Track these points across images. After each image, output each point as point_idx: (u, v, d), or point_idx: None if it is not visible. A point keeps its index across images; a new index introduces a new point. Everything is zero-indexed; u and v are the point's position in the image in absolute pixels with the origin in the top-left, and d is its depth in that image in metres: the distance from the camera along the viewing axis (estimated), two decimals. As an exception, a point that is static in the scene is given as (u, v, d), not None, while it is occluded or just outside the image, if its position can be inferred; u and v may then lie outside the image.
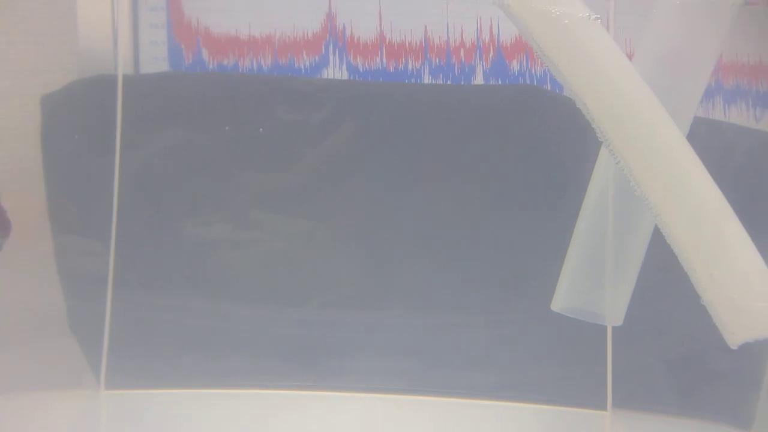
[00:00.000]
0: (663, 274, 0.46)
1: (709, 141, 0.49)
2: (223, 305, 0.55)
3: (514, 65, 0.56)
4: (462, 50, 0.56)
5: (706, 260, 0.32)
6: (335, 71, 0.56)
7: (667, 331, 0.53)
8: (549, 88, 0.55)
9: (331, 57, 0.56)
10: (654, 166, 0.33)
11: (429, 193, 0.55)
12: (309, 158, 0.55)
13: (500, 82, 0.56)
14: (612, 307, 0.45)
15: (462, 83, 0.56)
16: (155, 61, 0.57)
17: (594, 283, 0.45)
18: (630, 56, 0.38)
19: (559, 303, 0.45)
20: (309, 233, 0.55)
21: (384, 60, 0.56)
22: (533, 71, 0.56)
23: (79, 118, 0.55)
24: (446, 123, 0.54)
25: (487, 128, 0.54)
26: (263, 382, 0.55)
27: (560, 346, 0.53)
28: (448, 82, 0.56)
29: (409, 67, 0.56)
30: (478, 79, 0.56)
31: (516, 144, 0.54)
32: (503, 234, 0.54)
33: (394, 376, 0.55)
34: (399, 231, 0.55)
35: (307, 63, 0.56)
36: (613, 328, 0.50)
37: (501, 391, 0.54)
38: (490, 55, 0.56)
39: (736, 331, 0.33)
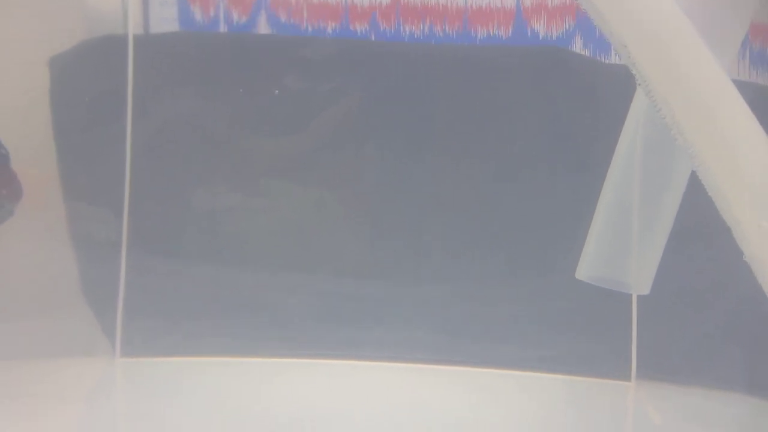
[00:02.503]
0: (692, 242, 0.44)
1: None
2: (236, 273, 0.55)
3: (535, 26, 0.55)
4: (481, 12, 0.54)
5: (755, 210, 0.30)
6: (347, 32, 0.55)
7: (695, 300, 0.52)
8: (571, 49, 0.54)
9: (343, 19, 0.55)
10: (699, 110, 0.31)
11: (445, 159, 0.54)
12: (320, 123, 0.54)
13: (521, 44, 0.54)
14: (638, 276, 0.44)
15: (480, 44, 0.54)
16: (165, 21, 0.56)
17: (620, 251, 0.44)
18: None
19: (584, 271, 0.44)
20: (320, 201, 0.54)
21: (401, 23, 0.55)
22: (553, 33, 0.54)
23: (88, 79, 0.55)
24: (463, 86, 0.53)
25: (506, 91, 0.53)
26: (278, 350, 0.55)
27: (585, 315, 0.52)
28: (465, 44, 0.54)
29: (427, 30, 0.55)
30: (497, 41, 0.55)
31: (537, 107, 0.53)
32: (525, 201, 0.53)
33: (412, 346, 0.55)
34: (414, 199, 0.54)
35: (321, 25, 0.55)
36: (640, 297, 0.49)
37: (524, 362, 0.54)
38: (510, 17, 0.54)
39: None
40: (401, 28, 0.55)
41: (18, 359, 0.52)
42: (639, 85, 0.32)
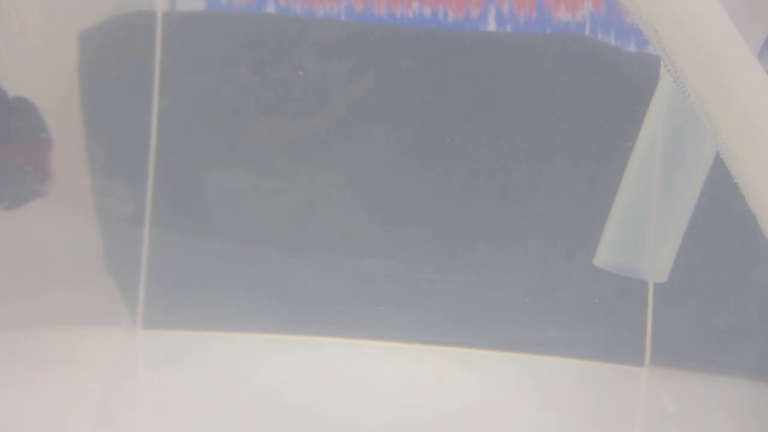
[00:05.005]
0: (712, 230, 0.45)
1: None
2: (255, 251, 0.56)
3: (557, 13, 0.54)
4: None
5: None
6: (368, 15, 0.55)
7: (711, 287, 0.52)
8: (595, 37, 0.54)
9: (365, 2, 0.55)
10: (729, 97, 0.31)
11: (461, 143, 0.54)
12: (338, 105, 0.54)
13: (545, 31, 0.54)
14: (655, 264, 0.44)
15: (501, 30, 0.55)
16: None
17: (638, 239, 0.44)
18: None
19: (602, 258, 0.44)
20: (337, 182, 0.55)
21: (421, 6, 0.55)
22: (576, 20, 0.54)
23: (116, 54, 0.55)
24: (483, 72, 0.53)
25: (527, 78, 0.53)
26: (295, 328, 0.56)
27: (601, 301, 0.53)
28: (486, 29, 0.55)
29: (450, 16, 0.55)
30: (519, 28, 0.55)
31: (558, 94, 0.53)
32: (544, 187, 0.53)
33: (426, 329, 0.55)
34: (429, 183, 0.54)
35: (343, 7, 0.55)
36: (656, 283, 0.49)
37: (539, 346, 0.54)
38: (533, 2, 0.54)
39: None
40: (421, 11, 0.55)
41: (43, 328, 0.53)
42: (667, 70, 0.32)
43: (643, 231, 0.44)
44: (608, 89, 0.52)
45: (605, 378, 0.53)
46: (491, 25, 0.55)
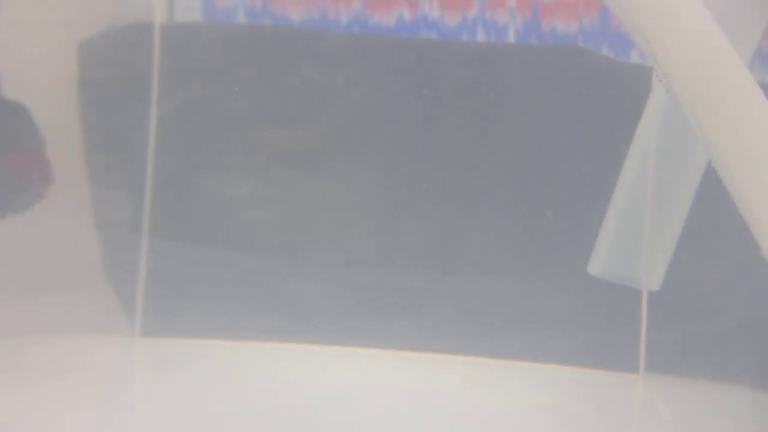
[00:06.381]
0: (705, 237, 0.45)
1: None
2: (254, 259, 0.56)
3: (552, 24, 0.55)
4: (496, 8, 0.55)
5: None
6: (364, 25, 0.56)
7: (706, 294, 0.52)
8: (588, 48, 0.54)
9: (359, 10, 0.56)
10: (720, 106, 0.32)
11: (458, 152, 0.54)
12: (333, 114, 0.55)
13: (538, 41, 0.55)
14: (649, 272, 0.45)
15: (497, 42, 0.55)
16: (188, 11, 0.57)
17: (632, 247, 0.44)
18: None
19: (596, 266, 0.45)
20: (335, 191, 0.55)
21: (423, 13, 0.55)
22: (571, 31, 0.55)
23: (114, 64, 0.55)
24: (480, 82, 0.54)
25: (522, 88, 0.53)
26: (294, 336, 0.56)
27: (595, 308, 0.53)
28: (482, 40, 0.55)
29: (446, 23, 0.55)
30: (513, 38, 0.55)
31: (553, 105, 0.53)
32: (538, 197, 0.54)
33: (420, 337, 0.55)
34: (423, 191, 0.55)
35: (337, 17, 0.56)
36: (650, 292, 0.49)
37: (532, 353, 0.54)
38: (527, 13, 0.55)
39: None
40: (419, 21, 0.56)
41: (41, 335, 0.53)
42: (659, 80, 0.32)
43: (636, 239, 0.44)
44: (601, 99, 0.52)
45: (600, 385, 0.53)
46: (485, 36, 0.55)
